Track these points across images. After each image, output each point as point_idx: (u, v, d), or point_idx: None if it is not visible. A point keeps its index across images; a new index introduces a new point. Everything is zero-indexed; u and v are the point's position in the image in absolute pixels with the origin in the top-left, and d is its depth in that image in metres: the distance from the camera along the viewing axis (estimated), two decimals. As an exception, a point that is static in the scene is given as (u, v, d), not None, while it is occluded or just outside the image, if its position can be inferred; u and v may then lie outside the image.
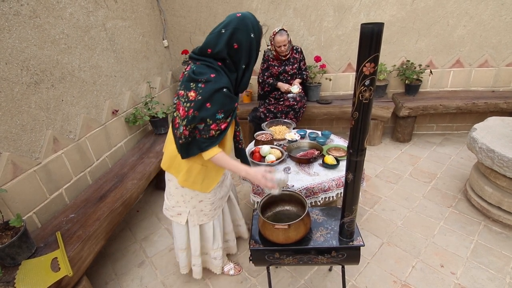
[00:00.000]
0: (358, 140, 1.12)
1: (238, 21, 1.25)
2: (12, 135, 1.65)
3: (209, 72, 1.24)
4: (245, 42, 1.26)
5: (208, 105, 1.22)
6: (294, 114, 3.10)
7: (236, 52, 1.26)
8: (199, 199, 1.56)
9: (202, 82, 1.22)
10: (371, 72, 0.96)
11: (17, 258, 1.41)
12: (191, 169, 1.45)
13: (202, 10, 3.37)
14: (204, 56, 1.29)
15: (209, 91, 1.21)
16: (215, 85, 1.22)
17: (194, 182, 1.48)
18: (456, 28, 3.10)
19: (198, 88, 1.22)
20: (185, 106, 1.25)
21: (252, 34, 1.27)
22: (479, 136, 2.16)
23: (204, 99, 1.22)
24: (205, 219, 1.63)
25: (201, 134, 1.29)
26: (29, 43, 1.74)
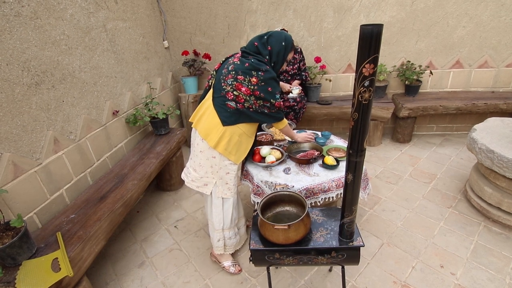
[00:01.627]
0: (357, 141, 1.13)
1: (276, 32, 1.70)
2: (13, 136, 1.65)
3: (265, 65, 1.62)
4: (276, 47, 1.65)
5: (269, 89, 1.62)
6: (294, 115, 3.10)
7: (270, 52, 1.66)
8: (227, 170, 1.77)
9: (262, 71, 1.59)
10: (370, 73, 0.96)
11: (17, 258, 1.42)
12: (231, 140, 1.70)
13: (202, 11, 3.38)
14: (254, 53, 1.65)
15: (267, 78, 1.60)
16: (271, 74, 1.61)
17: (231, 152, 1.73)
18: (455, 29, 3.11)
19: (259, 76, 1.59)
20: (250, 88, 1.59)
21: (283, 43, 1.67)
22: (479, 136, 2.16)
23: (266, 85, 1.61)
24: (228, 194, 1.82)
25: (270, 110, 1.69)
26: (30, 44, 1.74)
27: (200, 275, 1.96)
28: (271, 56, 1.67)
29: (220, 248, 1.93)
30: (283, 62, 1.73)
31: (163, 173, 2.81)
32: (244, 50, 1.69)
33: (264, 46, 1.65)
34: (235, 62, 1.65)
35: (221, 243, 1.92)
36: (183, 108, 3.63)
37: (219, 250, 1.94)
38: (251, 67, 1.60)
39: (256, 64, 1.60)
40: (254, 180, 1.90)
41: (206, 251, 2.15)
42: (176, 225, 2.46)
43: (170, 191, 2.92)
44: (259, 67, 1.59)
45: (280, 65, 1.73)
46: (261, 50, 1.65)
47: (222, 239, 1.91)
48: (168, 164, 2.74)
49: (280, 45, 1.66)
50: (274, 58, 1.68)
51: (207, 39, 3.53)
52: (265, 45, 1.65)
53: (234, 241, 1.99)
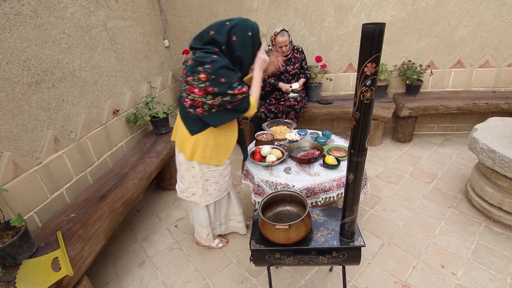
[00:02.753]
0: (359, 141, 1.12)
1: (240, 20, 1.50)
2: (13, 135, 1.65)
3: (210, 54, 1.44)
4: (241, 37, 1.48)
5: (222, 80, 1.43)
6: (295, 114, 3.10)
7: (233, 43, 1.48)
8: (206, 178, 1.74)
9: (208, 63, 1.42)
10: (372, 72, 0.96)
11: (18, 257, 1.42)
12: (206, 146, 1.64)
13: (203, 10, 3.37)
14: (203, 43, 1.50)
15: (217, 68, 1.42)
16: (219, 63, 1.43)
17: (210, 157, 1.68)
18: (457, 28, 3.10)
19: (206, 69, 1.42)
20: (201, 87, 1.44)
21: (249, 33, 1.49)
22: (480, 136, 2.16)
23: (217, 76, 1.42)
24: (210, 199, 1.82)
25: (232, 103, 1.50)
26: (30, 43, 1.74)
27: (200, 274, 1.96)
28: (233, 48, 1.49)
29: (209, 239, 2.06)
30: (253, 56, 1.57)
31: (163, 173, 2.81)
32: (192, 47, 1.54)
33: (225, 35, 1.47)
34: (187, 65, 1.54)
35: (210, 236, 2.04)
36: (183, 108, 3.62)
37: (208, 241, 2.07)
38: (196, 63, 1.45)
39: (201, 57, 1.44)
40: (255, 179, 1.90)
41: (206, 251, 2.15)
42: (176, 224, 2.46)
43: (170, 190, 2.92)
44: (204, 59, 1.43)
45: (249, 58, 1.56)
46: (218, 39, 1.46)
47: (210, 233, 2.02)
48: (169, 163, 2.74)
49: (246, 35, 1.49)
50: (240, 50, 1.50)
51: (207, 38, 3.52)
52: (226, 34, 1.47)
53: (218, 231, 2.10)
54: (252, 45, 1.53)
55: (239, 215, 2.11)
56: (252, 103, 1.59)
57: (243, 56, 1.52)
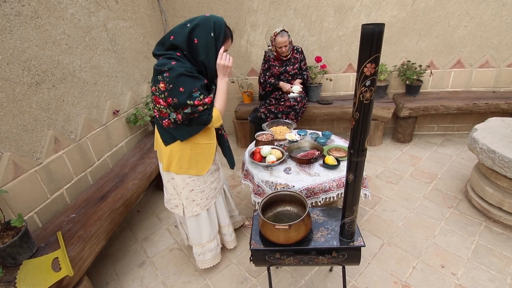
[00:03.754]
0: (359, 141, 1.12)
1: (202, 19, 1.37)
2: (13, 135, 1.65)
3: (170, 61, 1.34)
4: (204, 39, 1.36)
5: (181, 89, 1.31)
6: (295, 115, 3.10)
7: (195, 46, 1.37)
8: (190, 188, 1.63)
9: (166, 71, 1.32)
10: (372, 72, 0.96)
11: (18, 258, 1.42)
12: (182, 156, 1.53)
13: (203, 11, 3.38)
14: (165, 49, 1.40)
15: (175, 77, 1.30)
16: (177, 71, 1.31)
17: (189, 167, 1.57)
18: (457, 28, 3.10)
19: (164, 78, 1.32)
20: (163, 98, 1.35)
21: (212, 34, 1.37)
22: (480, 136, 2.16)
23: (175, 85, 1.31)
24: (198, 209, 1.70)
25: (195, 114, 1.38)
26: (30, 44, 1.74)
27: (200, 274, 1.96)
28: (196, 51, 1.38)
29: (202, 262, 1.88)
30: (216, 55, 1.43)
31: (163, 173, 2.81)
32: (154, 53, 1.44)
33: (186, 38, 1.36)
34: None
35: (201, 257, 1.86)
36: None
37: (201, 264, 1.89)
38: (156, 71, 1.35)
39: (160, 65, 1.34)
40: (255, 179, 1.90)
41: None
42: (176, 224, 2.45)
43: (170, 190, 2.92)
44: (162, 67, 1.32)
45: (213, 60, 1.42)
46: (179, 43, 1.36)
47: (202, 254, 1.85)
48: (169, 163, 2.73)
49: (209, 37, 1.36)
50: (203, 54, 1.38)
51: (207, 38, 3.53)
52: (187, 37, 1.36)
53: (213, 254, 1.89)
54: (215, 47, 1.40)
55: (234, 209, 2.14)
56: (215, 115, 1.45)
57: (206, 61, 1.40)
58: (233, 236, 2.05)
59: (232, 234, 2.04)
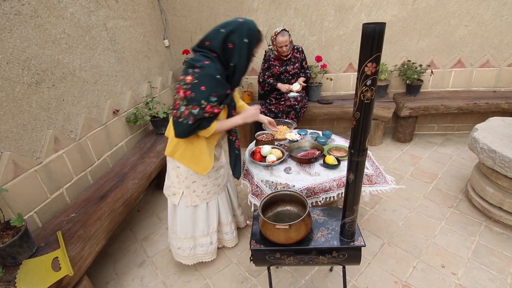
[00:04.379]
0: (359, 140, 1.12)
1: (236, 25, 1.42)
2: (13, 135, 1.65)
3: (204, 59, 1.41)
4: (238, 44, 1.42)
5: (202, 88, 1.38)
6: (295, 114, 3.10)
7: (229, 51, 1.44)
8: (193, 179, 1.69)
9: (198, 67, 1.39)
10: (372, 72, 0.96)
11: (18, 257, 1.42)
12: (187, 148, 1.60)
13: (203, 10, 3.37)
14: (202, 48, 1.47)
15: (203, 75, 1.38)
16: (208, 70, 1.39)
17: (190, 161, 1.62)
18: (457, 28, 3.10)
19: (194, 73, 1.39)
20: (184, 89, 1.40)
21: (245, 39, 1.42)
22: (481, 136, 2.15)
23: (199, 82, 1.38)
24: (197, 201, 1.76)
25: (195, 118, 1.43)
26: (30, 43, 1.74)
27: (200, 274, 1.96)
28: (230, 55, 1.44)
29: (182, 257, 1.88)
30: (248, 61, 1.50)
31: (163, 173, 2.77)
32: (193, 48, 1.52)
33: (221, 43, 1.42)
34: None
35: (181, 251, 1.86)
36: (183, 107, 3.62)
37: (179, 258, 1.89)
38: (188, 64, 1.43)
39: (194, 60, 1.42)
40: (254, 179, 1.89)
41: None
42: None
43: (170, 190, 2.91)
44: (195, 63, 1.40)
45: (243, 67, 1.49)
46: (214, 48, 1.43)
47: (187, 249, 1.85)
48: (169, 163, 2.73)
49: (242, 42, 1.42)
50: (235, 59, 1.44)
51: (207, 38, 3.52)
52: (223, 43, 1.42)
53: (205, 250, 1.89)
54: (247, 53, 1.46)
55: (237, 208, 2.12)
56: (211, 128, 1.52)
57: (237, 65, 1.46)
58: (234, 234, 2.06)
59: (233, 232, 2.05)
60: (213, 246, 1.92)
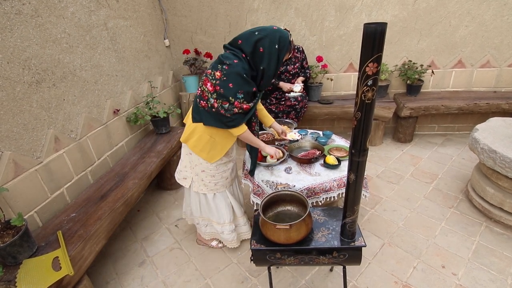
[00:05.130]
0: (360, 140, 1.12)
1: (270, 31, 1.49)
2: (14, 134, 1.65)
3: (233, 58, 1.48)
4: (268, 49, 1.48)
5: (230, 85, 1.46)
6: (296, 114, 3.10)
7: (259, 55, 1.50)
8: (202, 168, 1.77)
9: (226, 64, 1.46)
10: (374, 72, 0.96)
11: (18, 257, 1.41)
12: (201, 138, 1.67)
13: (203, 10, 3.37)
14: (233, 47, 1.54)
15: (231, 72, 1.46)
16: (235, 68, 1.46)
17: (202, 150, 1.70)
18: (458, 28, 3.10)
19: (223, 70, 1.47)
20: (213, 83, 1.50)
21: (276, 46, 1.49)
22: (481, 136, 2.15)
23: (227, 79, 1.46)
24: (204, 190, 1.83)
25: (225, 113, 1.52)
26: (30, 42, 1.74)
27: (200, 274, 1.96)
28: (260, 59, 1.51)
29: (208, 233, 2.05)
30: (277, 66, 1.56)
31: (163, 172, 2.81)
32: (225, 45, 1.59)
33: (252, 45, 1.48)
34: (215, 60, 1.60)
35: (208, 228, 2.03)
36: (183, 107, 3.63)
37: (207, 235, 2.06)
38: (219, 60, 1.51)
39: (224, 57, 1.49)
40: (255, 179, 1.89)
41: (206, 250, 2.14)
42: (176, 224, 2.45)
43: (170, 190, 2.92)
44: (225, 60, 1.47)
45: (272, 71, 1.55)
46: (245, 49, 1.50)
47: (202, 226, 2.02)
48: (169, 163, 2.74)
49: (273, 48, 1.49)
50: (264, 63, 1.51)
51: (208, 38, 3.52)
52: (253, 45, 1.48)
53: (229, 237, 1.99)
54: (277, 59, 1.53)
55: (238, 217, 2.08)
56: (241, 128, 1.62)
57: (266, 69, 1.53)
58: (248, 225, 2.10)
59: (247, 223, 2.10)
60: (231, 236, 1.98)
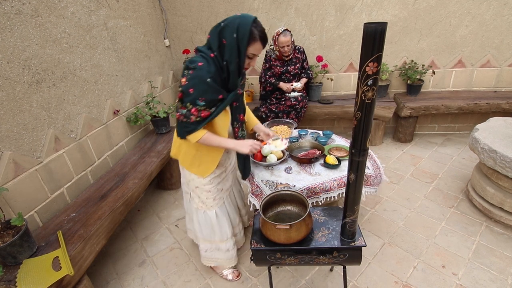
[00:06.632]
0: (360, 140, 1.12)
1: (230, 19, 1.31)
2: (14, 134, 1.65)
3: (199, 60, 1.32)
4: (228, 39, 1.30)
5: (191, 90, 1.31)
6: (296, 114, 3.10)
7: (223, 48, 1.33)
8: (195, 184, 1.64)
9: (191, 69, 1.32)
10: (374, 71, 0.95)
11: (18, 257, 1.41)
12: (188, 151, 1.57)
13: (203, 10, 3.37)
14: (205, 45, 1.39)
15: (194, 77, 1.31)
16: (199, 72, 1.30)
17: (191, 164, 1.59)
18: (458, 28, 3.09)
19: (188, 75, 1.32)
20: (179, 90, 1.37)
21: (234, 35, 1.29)
22: (481, 136, 2.15)
23: (189, 84, 1.31)
24: (203, 207, 1.71)
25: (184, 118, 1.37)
26: (30, 42, 1.74)
27: (201, 274, 1.96)
28: (223, 53, 1.33)
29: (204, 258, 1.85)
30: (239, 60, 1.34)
31: (164, 172, 2.81)
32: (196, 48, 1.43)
33: (217, 38, 1.32)
34: None
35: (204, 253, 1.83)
36: (184, 107, 3.62)
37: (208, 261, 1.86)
38: (185, 66, 1.37)
39: (190, 61, 1.35)
40: (255, 179, 1.89)
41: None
42: (177, 224, 2.45)
43: (170, 190, 2.92)
44: (190, 64, 1.33)
45: (234, 66, 1.35)
46: (211, 44, 1.35)
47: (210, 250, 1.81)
48: (169, 163, 2.73)
49: (231, 38, 1.29)
50: (227, 54, 1.33)
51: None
52: (218, 37, 1.32)
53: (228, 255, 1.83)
54: (237, 51, 1.32)
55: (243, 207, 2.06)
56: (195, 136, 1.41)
57: (228, 63, 1.34)
58: (242, 234, 2.04)
59: (241, 232, 2.03)
60: (230, 254, 1.84)
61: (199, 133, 1.42)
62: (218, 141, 1.48)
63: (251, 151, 1.54)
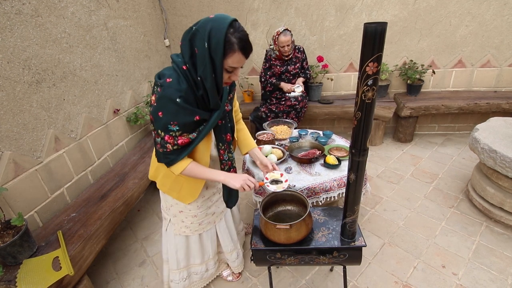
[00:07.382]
0: (360, 140, 1.12)
1: (203, 22, 1.02)
2: (14, 134, 1.65)
3: (168, 75, 1.08)
4: (200, 49, 1.02)
5: (160, 114, 1.08)
6: (296, 114, 3.10)
7: (196, 58, 1.05)
8: (179, 208, 1.45)
9: (159, 85, 1.08)
10: (374, 71, 0.95)
11: (18, 257, 1.42)
12: (167, 174, 1.35)
13: (203, 10, 3.37)
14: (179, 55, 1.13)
15: (162, 97, 1.06)
16: (167, 92, 1.06)
17: (170, 188, 1.38)
18: (458, 28, 3.09)
19: (156, 92, 1.09)
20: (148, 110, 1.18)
21: (206, 44, 1.00)
22: (481, 136, 2.15)
23: (157, 106, 1.07)
24: (187, 232, 1.51)
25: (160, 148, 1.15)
26: (30, 42, 1.74)
27: (201, 274, 1.96)
28: (197, 65, 1.06)
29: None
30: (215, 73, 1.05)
31: (164, 172, 2.80)
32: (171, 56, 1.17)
33: (189, 46, 1.06)
34: None
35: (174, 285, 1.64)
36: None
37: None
38: (155, 81, 1.12)
39: (159, 76, 1.12)
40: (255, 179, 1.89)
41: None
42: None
43: (171, 190, 2.91)
44: (158, 79, 1.10)
45: (210, 80, 1.06)
46: (183, 53, 1.08)
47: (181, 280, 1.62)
48: (169, 163, 2.73)
49: (203, 48, 1.01)
50: (200, 69, 1.05)
51: (208, 37, 3.52)
52: (190, 45, 1.05)
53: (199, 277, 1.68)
54: (211, 64, 1.03)
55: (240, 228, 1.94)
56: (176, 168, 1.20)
57: (203, 79, 1.07)
58: (240, 259, 1.83)
59: (239, 257, 1.82)
60: (209, 273, 1.72)
61: (181, 164, 1.19)
62: (205, 173, 1.25)
63: (243, 186, 1.29)
